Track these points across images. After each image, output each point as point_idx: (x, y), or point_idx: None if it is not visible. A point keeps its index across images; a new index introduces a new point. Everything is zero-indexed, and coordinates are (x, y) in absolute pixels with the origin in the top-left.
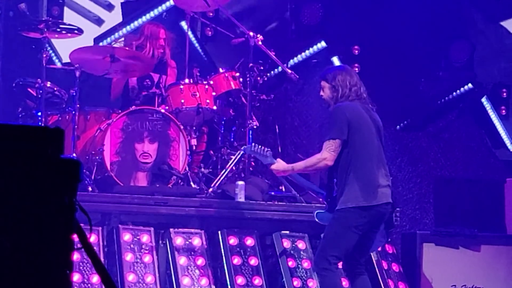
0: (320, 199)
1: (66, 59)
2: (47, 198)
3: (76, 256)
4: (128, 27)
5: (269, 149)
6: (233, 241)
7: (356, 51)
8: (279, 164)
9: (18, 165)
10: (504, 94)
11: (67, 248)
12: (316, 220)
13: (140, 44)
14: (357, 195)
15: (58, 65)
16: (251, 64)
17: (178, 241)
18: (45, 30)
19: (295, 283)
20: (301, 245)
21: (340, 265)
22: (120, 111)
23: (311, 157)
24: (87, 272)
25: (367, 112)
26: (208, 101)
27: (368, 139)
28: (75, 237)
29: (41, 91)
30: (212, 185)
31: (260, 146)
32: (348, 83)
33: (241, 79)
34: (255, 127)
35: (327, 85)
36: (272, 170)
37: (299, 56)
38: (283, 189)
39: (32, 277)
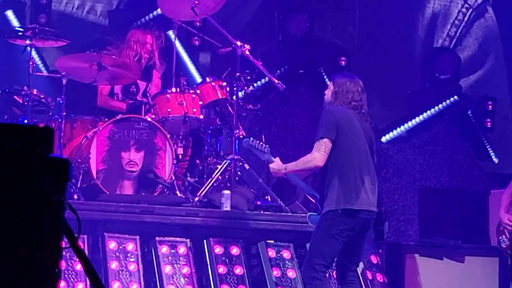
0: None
1: (52, 67)
2: (36, 197)
3: None
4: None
5: (267, 146)
6: (218, 250)
7: (343, 62)
8: (276, 163)
9: (7, 164)
10: (490, 106)
11: (56, 247)
12: (309, 223)
13: (127, 50)
14: (339, 198)
15: (45, 72)
16: (238, 74)
17: (164, 249)
18: (32, 37)
19: None
20: (286, 254)
21: (327, 274)
22: (106, 119)
23: (303, 157)
24: (72, 280)
25: (360, 119)
26: (194, 110)
27: (356, 145)
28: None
29: (27, 99)
30: (198, 194)
31: (258, 142)
32: (350, 97)
33: (228, 89)
34: (241, 136)
35: (332, 89)
36: (269, 168)
37: (286, 66)
38: (269, 199)
39: (20, 275)
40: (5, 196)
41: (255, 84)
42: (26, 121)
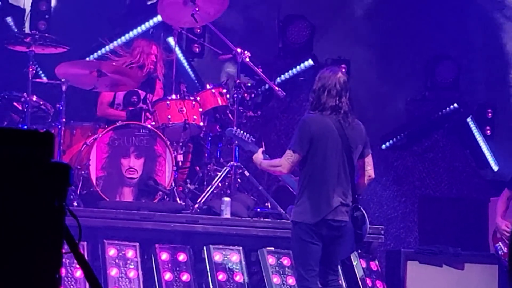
0: None
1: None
2: (36, 202)
3: None
4: (115, 42)
5: (251, 137)
6: (218, 257)
7: (343, 69)
8: (257, 156)
9: (8, 168)
10: (489, 114)
11: (56, 253)
12: (288, 216)
13: (131, 59)
14: (305, 212)
15: (44, 79)
16: (238, 81)
17: (164, 256)
18: (32, 44)
19: None
20: (286, 261)
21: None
22: (106, 126)
23: (274, 160)
24: (71, 286)
25: (339, 128)
26: (195, 117)
27: (330, 158)
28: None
29: (27, 105)
30: (198, 201)
31: (242, 132)
32: (326, 94)
33: (228, 96)
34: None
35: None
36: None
37: (286, 73)
38: (269, 206)
39: (21, 281)
40: (5, 200)
41: (255, 91)
42: (25, 127)
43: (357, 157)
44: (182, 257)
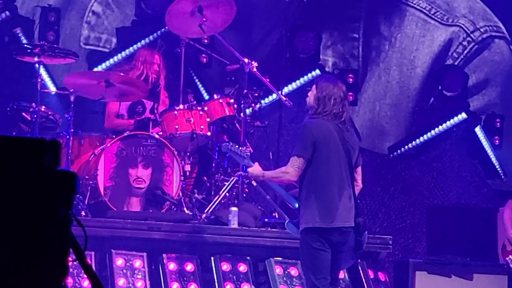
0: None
1: (61, 84)
2: (42, 210)
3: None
4: (123, 53)
5: (247, 151)
6: (226, 267)
7: (351, 80)
8: (254, 169)
9: (15, 176)
10: (498, 124)
11: (62, 261)
12: (286, 229)
13: (134, 69)
14: (314, 216)
15: (53, 89)
16: (245, 91)
17: (171, 266)
18: (40, 54)
19: None
20: (293, 271)
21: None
22: (114, 136)
23: (278, 169)
24: None
25: (339, 132)
26: (202, 127)
27: (333, 160)
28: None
29: (35, 116)
30: (206, 211)
31: (237, 146)
32: (332, 102)
33: (235, 106)
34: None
35: (314, 93)
36: (248, 173)
37: (293, 83)
38: (276, 216)
39: None
40: (11, 208)
41: (263, 102)
42: None
43: (354, 162)
44: (189, 267)
